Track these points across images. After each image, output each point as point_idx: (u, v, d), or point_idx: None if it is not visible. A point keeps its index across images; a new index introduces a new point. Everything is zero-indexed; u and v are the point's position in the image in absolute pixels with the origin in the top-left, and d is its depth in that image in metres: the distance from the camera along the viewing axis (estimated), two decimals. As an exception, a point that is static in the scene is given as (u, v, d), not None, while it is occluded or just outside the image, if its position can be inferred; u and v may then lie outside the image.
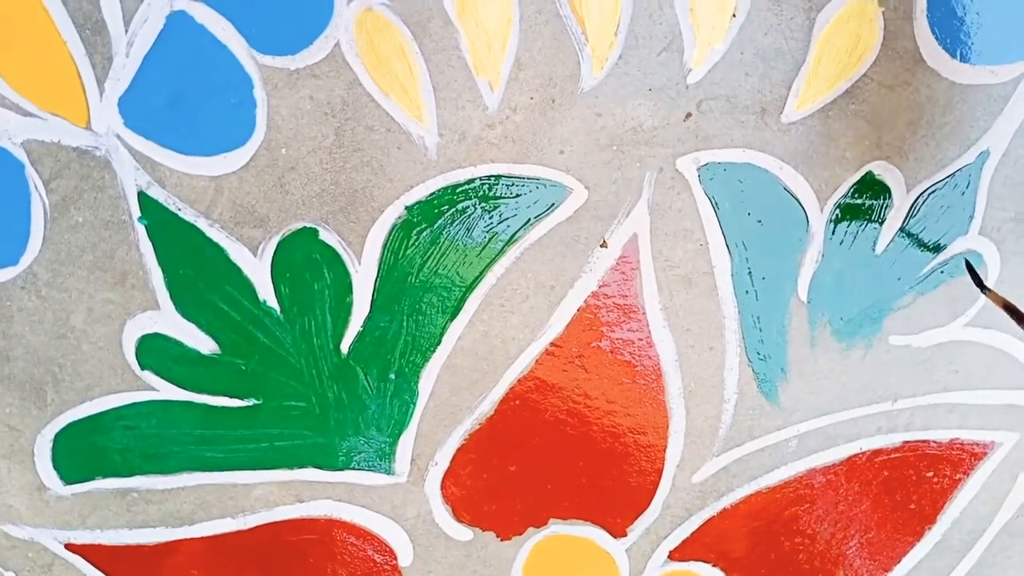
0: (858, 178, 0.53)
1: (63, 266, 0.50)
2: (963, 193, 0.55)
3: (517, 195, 0.52)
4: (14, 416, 0.54)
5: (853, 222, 0.54)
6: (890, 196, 0.54)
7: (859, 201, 0.54)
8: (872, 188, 0.54)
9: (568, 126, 0.50)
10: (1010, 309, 0.51)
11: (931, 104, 0.52)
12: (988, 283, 0.57)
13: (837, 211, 0.54)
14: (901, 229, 0.55)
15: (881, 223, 0.55)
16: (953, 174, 0.54)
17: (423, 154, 0.50)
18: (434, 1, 0.47)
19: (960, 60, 0.51)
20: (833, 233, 0.55)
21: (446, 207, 0.51)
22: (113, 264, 0.51)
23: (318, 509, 0.59)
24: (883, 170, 0.53)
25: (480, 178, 0.51)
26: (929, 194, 0.54)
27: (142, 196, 0.49)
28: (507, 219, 0.52)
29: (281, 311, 0.53)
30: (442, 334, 0.55)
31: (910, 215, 0.55)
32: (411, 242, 0.52)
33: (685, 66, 0.50)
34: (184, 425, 0.55)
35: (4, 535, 0.58)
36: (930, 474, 0.63)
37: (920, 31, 0.50)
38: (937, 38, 0.50)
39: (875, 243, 0.55)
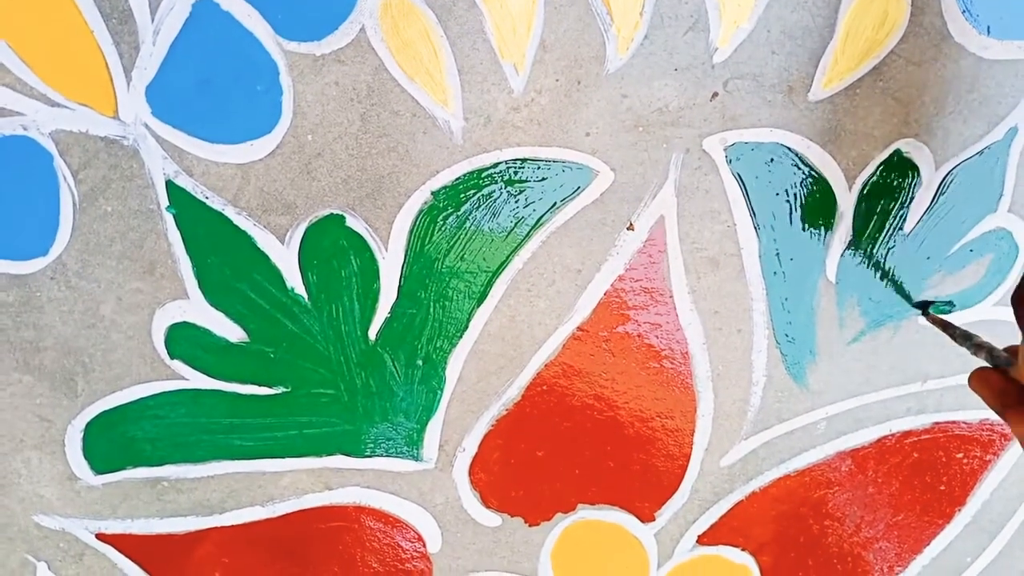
0: (886, 156, 0.53)
1: (92, 256, 0.51)
2: (992, 170, 0.54)
3: (543, 178, 0.51)
4: (45, 407, 0.55)
5: (881, 201, 0.54)
6: (918, 174, 0.54)
7: (887, 179, 0.53)
8: (900, 166, 0.53)
9: (594, 108, 0.50)
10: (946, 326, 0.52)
11: (959, 80, 0.52)
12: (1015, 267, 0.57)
13: (865, 190, 0.54)
14: (930, 208, 0.55)
15: (910, 202, 0.54)
16: (982, 151, 0.53)
17: (448, 138, 0.50)
18: (459, -16, 0.47)
19: (987, 35, 0.50)
20: (861, 212, 0.54)
21: (472, 191, 0.51)
22: (142, 253, 0.51)
23: (347, 496, 0.59)
24: (911, 148, 0.53)
25: (506, 162, 0.51)
26: (958, 171, 0.54)
27: (170, 185, 0.49)
28: (533, 203, 0.52)
29: (309, 298, 0.53)
30: (469, 319, 0.55)
31: (939, 193, 0.54)
32: (437, 227, 0.52)
33: (711, 45, 0.49)
34: (213, 413, 0.55)
35: (35, 525, 0.58)
36: (960, 455, 0.63)
37: (947, 6, 0.50)
38: (964, 13, 0.50)
39: (904, 222, 0.55)
